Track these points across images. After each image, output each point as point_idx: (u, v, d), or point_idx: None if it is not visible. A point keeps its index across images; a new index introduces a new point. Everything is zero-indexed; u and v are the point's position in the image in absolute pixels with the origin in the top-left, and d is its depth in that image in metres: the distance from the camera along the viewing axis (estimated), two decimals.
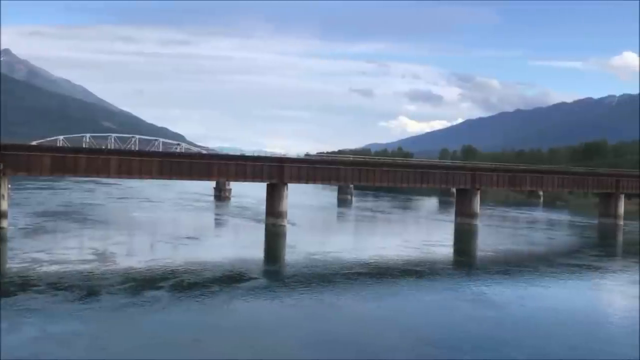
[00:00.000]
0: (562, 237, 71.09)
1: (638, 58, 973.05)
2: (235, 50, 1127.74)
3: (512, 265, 45.85)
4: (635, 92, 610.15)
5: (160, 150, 69.25)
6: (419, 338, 24.72)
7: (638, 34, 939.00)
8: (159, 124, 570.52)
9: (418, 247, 53.45)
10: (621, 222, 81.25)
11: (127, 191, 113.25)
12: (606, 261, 49.97)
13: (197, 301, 29.57)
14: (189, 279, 34.54)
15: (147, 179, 63.89)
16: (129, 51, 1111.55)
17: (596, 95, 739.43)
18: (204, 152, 79.64)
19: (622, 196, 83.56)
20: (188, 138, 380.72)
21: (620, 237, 71.73)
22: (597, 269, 45.68)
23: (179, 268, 37.90)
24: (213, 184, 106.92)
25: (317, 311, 29.28)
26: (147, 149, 67.54)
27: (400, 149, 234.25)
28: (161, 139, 76.90)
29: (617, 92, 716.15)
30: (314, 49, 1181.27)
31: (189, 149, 76.49)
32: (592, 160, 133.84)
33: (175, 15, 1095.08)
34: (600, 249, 60.34)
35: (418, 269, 41.83)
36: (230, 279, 35.65)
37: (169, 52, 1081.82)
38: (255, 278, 35.99)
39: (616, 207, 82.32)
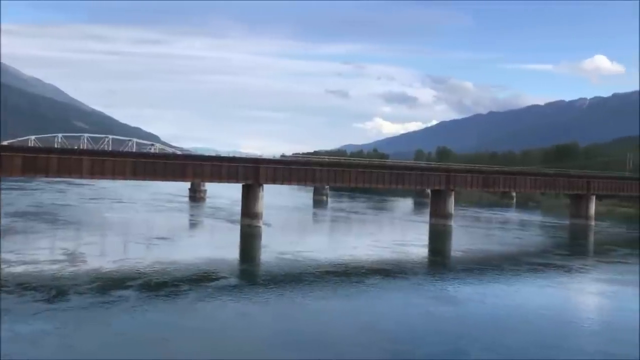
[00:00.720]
0: (534, 238, 72.09)
1: (609, 61, 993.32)
2: (208, 50, 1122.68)
3: (482, 265, 46.42)
4: (606, 94, 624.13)
5: (134, 150, 68.42)
6: (379, 333, 25.45)
7: (609, 37, 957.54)
8: (133, 124, 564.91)
9: (392, 248, 53.74)
10: (592, 223, 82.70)
11: (100, 192, 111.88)
12: (574, 261, 50.70)
13: (165, 301, 29.52)
14: (159, 279, 34.38)
15: (120, 179, 63.05)
16: (101, 50, 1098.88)
17: (568, 97, 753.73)
18: (179, 152, 78.98)
19: (593, 197, 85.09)
20: (162, 138, 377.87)
21: (590, 238, 72.99)
22: (564, 268, 46.45)
23: (150, 268, 37.63)
24: (188, 184, 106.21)
25: (284, 310, 29.43)
26: (120, 149, 66.70)
27: (375, 150, 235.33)
28: (135, 139, 75.90)
29: (589, 95, 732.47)
30: (288, 49, 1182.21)
31: (163, 150, 75.74)
32: (564, 161, 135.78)
33: (148, 15, 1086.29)
34: (570, 249, 61.29)
35: (390, 268, 42.04)
36: (201, 279, 35.40)
37: (142, 52, 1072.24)
38: (227, 278, 35.90)
39: (587, 208, 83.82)
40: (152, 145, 77.81)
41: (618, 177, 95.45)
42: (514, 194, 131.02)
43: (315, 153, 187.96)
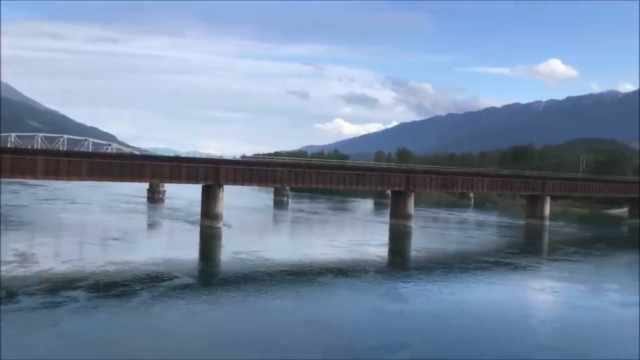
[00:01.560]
0: (489, 237, 73.55)
1: (563, 65, 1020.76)
2: (167, 49, 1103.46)
3: (437, 264, 47.41)
4: (560, 97, 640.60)
5: (90, 150, 66.94)
6: (324, 329, 26.29)
7: (563, 41, 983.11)
8: (89, 124, 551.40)
9: (350, 248, 54.19)
10: (546, 223, 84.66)
11: (55, 193, 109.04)
12: (525, 259, 52.14)
13: (115, 301, 29.31)
14: (111, 280, 34.10)
15: (76, 180, 61.53)
16: (57, 48, 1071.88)
17: (524, 100, 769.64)
18: (136, 152, 77.60)
19: (548, 198, 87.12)
20: (119, 138, 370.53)
21: (544, 237, 74.73)
22: (513, 266, 47.91)
23: (102, 269, 37.11)
24: (146, 185, 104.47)
25: (234, 309, 29.69)
26: (75, 149, 65.17)
27: (336, 151, 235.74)
28: (91, 139, 74.23)
29: (544, 98, 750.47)
30: (249, 50, 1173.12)
31: (120, 150, 74.30)
32: (520, 163, 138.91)
33: (104, 13, 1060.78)
34: (522, 248, 62.97)
35: (346, 268, 42.38)
36: (155, 280, 34.99)
37: (98, 50, 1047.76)
38: (181, 278, 35.66)
39: (542, 208, 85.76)
40: (109, 145, 76.28)
41: (572, 178, 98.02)
42: (471, 194, 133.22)
43: (276, 154, 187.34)
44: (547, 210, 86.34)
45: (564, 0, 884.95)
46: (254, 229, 72.63)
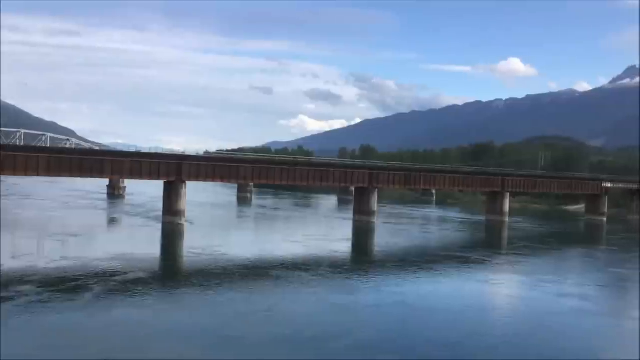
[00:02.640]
0: (450, 234, 74.63)
1: (522, 64, 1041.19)
2: (129, 43, 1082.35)
3: (397, 260, 48.22)
4: (520, 96, 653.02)
5: (48, 145, 65.44)
6: (266, 321, 26.90)
7: (522, 41, 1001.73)
8: (48, 118, 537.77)
9: (313, 245, 54.36)
10: (506, 219, 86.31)
11: (11, 188, 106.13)
12: (483, 254, 53.58)
13: (63, 297, 28.99)
14: (63, 276, 33.73)
15: (33, 175, 60.05)
16: (13, 41, 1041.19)
17: (484, 98, 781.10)
18: (96, 148, 76.20)
19: (507, 194, 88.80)
20: (79, 133, 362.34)
21: (503, 233, 76.19)
22: (471, 261, 49.10)
23: (56, 265, 36.57)
24: (106, 181, 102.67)
25: (184, 304, 29.76)
26: (33, 144, 63.58)
27: (300, 147, 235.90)
28: (49, 134, 72.76)
29: (504, 96, 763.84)
30: (212, 44, 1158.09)
31: (80, 145, 72.89)
32: (481, 160, 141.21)
33: (63, 5, 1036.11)
34: (482, 244, 64.49)
35: (306, 264, 42.57)
36: (110, 276, 34.59)
37: (57, 43, 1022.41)
38: (136, 274, 35.42)
39: (502, 205, 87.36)
40: (68, 140, 74.82)
41: (531, 175, 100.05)
42: (434, 191, 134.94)
43: (240, 150, 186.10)
44: (506, 206, 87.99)
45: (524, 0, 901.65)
46: (217, 225, 72.08)
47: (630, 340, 26.97)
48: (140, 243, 50.81)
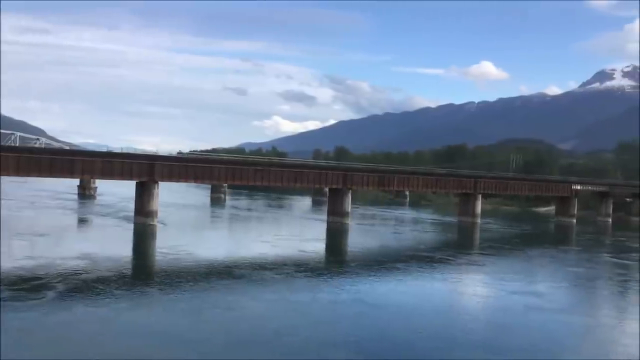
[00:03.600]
0: (422, 235, 75.23)
1: (494, 67, 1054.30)
2: (100, 42, 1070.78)
3: (368, 261, 48.64)
4: (492, 99, 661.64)
5: (17, 145, 64.22)
6: (229, 319, 27.33)
7: (494, 44, 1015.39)
8: (17, 117, 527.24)
9: (286, 246, 54.34)
10: (478, 221, 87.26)
11: None
12: (451, 255, 54.01)
13: (28, 298, 28.48)
14: (26, 276, 33.28)
15: (2, 175, 58.79)
16: None
17: (457, 101, 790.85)
18: (67, 147, 75.02)
19: (480, 196, 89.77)
20: (49, 133, 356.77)
21: (475, 234, 77.04)
22: (438, 261, 49.65)
23: (17, 265, 36.04)
24: (77, 182, 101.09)
25: (149, 305, 29.55)
26: (2, 144, 62.32)
27: (274, 148, 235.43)
28: (19, 133, 71.46)
29: (476, 99, 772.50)
30: (185, 44, 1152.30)
31: (50, 145, 71.67)
32: (454, 162, 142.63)
33: (33, 3, 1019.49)
34: (452, 245, 65.09)
35: (276, 265, 42.39)
36: (75, 276, 34.06)
37: (27, 41, 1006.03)
38: (103, 274, 34.95)
39: (474, 206, 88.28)
40: (38, 139, 73.57)
41: (502, 177, 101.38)
42: (407, 192, 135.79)
43: (214, 150, 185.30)
44: (478, 208, 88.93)
45: (496, 0, 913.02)
46: (189, 226, 71.45)
47: (573, 336, 28.28)
48: (110, 243, 50.04)
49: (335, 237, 66.86)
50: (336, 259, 51.39)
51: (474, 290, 39.01)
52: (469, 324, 28.70)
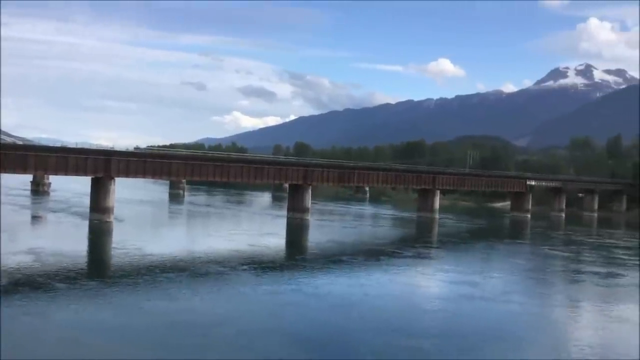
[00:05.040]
0: (381, 230, 75.95)
1: (452, 65, 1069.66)
2: (53, 34, 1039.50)
3: (323, 256, 49.20)
4: (449, 96, 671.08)
5: None
6: (171, 311, 27.47)
7: (451, 42, 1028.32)
8: None
9: (243, 242, 53.94)
10: (436, 216, 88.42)
11: None
12: (408, 249, 54.95)
13: None
14: None
15: None
16: None
17: (416, 97, 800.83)
18: (19, 142, 72.80)
19: (438, 192, 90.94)
20: (2, 127, 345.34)
21: (434, 230, 78.06)
22: (395, 255, 50.63)
23: None
24: (30, 177, 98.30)
25: (93, 302, 29.07)
26: None
27: (234, 144, 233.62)
28: None
29: (435, 96, 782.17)
30: (142, 38, 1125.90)
31: (2, 139, 69.32)
32: (413, 158, 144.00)
33: None
34: (409, 240, 66.22)
35: (230, 261, 42.26)
36: (19, 273, 33.56)
37: None
38: (47, 272, 34.36)
39: (432, 202, 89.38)
40: None
41: (460, 173, 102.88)
42: (367, 188, 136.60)
43: (172, 146, 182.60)
44: (437, 203, 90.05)
45: (454, 0, 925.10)
46: (146, 223, 70.33)
47: (498, 321, 29.62)
48: (62, 241, 48.92)
49: (295, 233, 66.74)
50: (293, 254, 51.44)
51: (416, 281, 40.59)
52: (402, 310, 30.45)
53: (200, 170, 68.21)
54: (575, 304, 35.85)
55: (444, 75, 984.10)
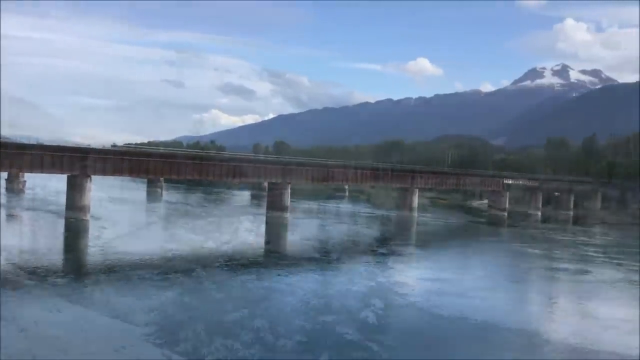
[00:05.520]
0: (359, 228, 76.17)
1: (430, 64, 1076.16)
2: (28, 30, 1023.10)
3: (307, 255, 48.90)
4: (428, 95, 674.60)
5: None
6: (137, 309, 27.65)
7: (430, 41, 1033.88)
8: None
9: (221, 241, 53.72)
10: (415, 214, 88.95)
11: None
12: (386, 247, 55.48)
13: None
14: None
15: None
16: None
17: (395, 96, 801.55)
18: None
19: (417, 190, 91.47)
20: None
21: (412, 228, 78.59)
22: (369, 253, 51.44)
23: None
24: (4, 175, 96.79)
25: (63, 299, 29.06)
26: None
27: (213, 142, 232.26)
28: None
29: (414, 95, 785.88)
30: (118, 34, 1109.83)
31: None
32: (392, 156, 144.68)
33: None
34: (386, 238, 66.48)
35: (205, 259, 42.15)
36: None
37: None
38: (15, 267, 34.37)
39: (411, 200, 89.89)
40: None
41: (439, 172, 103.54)
42: (346, 187, 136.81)
43: (150, 144, 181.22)
44: (415, 202, 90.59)
45: (432, 0, 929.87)
46: (124, 222, 69.56)
47: (455, 316, 29.79)
48: (36, 239, 48.53)
49: (273, 231, 66.70)
50: (268, 253, 51.42)
51: (386, 278, 40.49)
52: (367, 306, 30.23)
53: (178, 169, 67.77)
54: (544, 300, 36.63)
55: (423, 75, 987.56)
